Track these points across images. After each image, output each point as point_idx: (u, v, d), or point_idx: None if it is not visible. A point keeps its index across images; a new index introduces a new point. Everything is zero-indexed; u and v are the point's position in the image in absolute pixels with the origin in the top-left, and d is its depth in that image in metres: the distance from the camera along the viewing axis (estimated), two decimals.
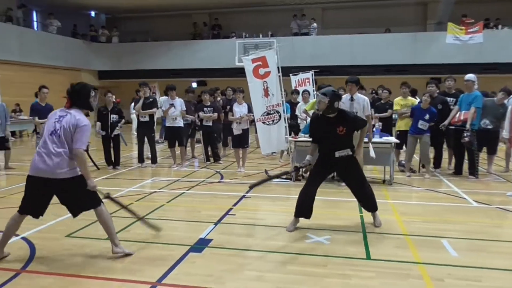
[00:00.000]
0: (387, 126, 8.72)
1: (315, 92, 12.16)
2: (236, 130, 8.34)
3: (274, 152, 9.57)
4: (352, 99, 6.52)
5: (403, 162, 8.21)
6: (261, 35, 19.96)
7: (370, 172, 8.01)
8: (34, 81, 15.30)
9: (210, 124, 9.11)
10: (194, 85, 21.02)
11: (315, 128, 4.73)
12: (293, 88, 11.85)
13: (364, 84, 12.97)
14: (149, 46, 21.35)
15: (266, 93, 7.52)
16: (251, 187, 4.74)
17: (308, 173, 4.93)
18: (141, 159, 8.84)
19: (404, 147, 8.34)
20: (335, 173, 7.06)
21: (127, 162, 9.35)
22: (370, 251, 3.95)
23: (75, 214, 3.77)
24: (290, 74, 12.19)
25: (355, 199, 4.82)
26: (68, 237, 4.33)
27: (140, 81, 9.19)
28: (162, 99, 9.57)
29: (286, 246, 4.09)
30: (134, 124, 13.63)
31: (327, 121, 4.53)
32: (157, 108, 8.93)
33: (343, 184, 5.80)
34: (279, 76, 7.50)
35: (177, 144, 8.75)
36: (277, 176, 5.11)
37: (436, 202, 5.83)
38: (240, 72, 19.22)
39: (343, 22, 21.24)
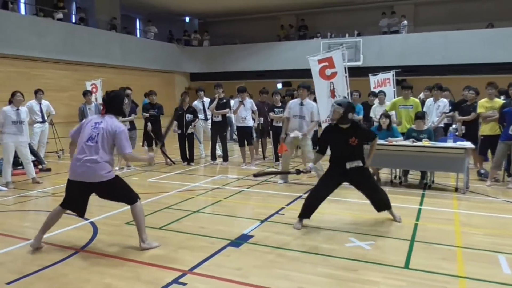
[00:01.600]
0: (472, 131, 8.05)
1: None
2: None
3: None
4: (302, 104, 6.92)
5: (482, 171, 7.51)
6: (347, 35, 19.60)
7: (445, 179, 7.48)
8: (132, 83, 16.78)
9: (281, 125, 9.22)
10: (279, 86, 21.31)
11: (327, 138, 4.86)
12: (372, 88, 11.48)
13: (455, 84, 12.11)
14: (236, 48, 22.14)
15: (333, 94, 7.43)
16: (256, 175, 5.08)
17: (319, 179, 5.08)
18: (213, 156, 9.29)
19: (489, 153, 7.65)
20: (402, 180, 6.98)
21: (202, 159, 9.87)
22: (411, 260, 3.76)
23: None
24: (369, 74, 11.81)
25: (411, 206, 5.01)
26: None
27: (228, 82, 9.55)
28: (233, 100, 9.94)
29: (323, 248, 4.06)
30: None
31: (340, 132, 4.68)
32: (230, 109, 9.30)
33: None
34: (346, 76, 7.36)
35: (246, 143, 9.06)
36: (279, 173, 5.54)
37: (510, 215, 5.28)
38: None
39: (437, 18, 19.85)
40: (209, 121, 9.54)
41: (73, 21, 17.52)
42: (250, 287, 3.23)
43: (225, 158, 9.22)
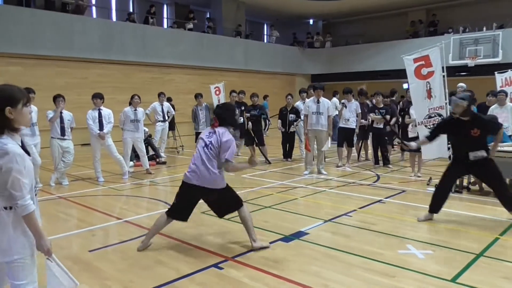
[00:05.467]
0: None
1: None
2: (411, 132, 8.02)
3: None
4: (318, 102, 7.93)
5: None
6: (484, 28, 17.60)
7: None
8: (254, 85, 17.88)
9: (381, 126, 8.94)
10: (405, 86, 20.15)
11: (444, 129, 5.05)
12: (498, 87, 10.21)
13: None
14: (359, 48, 21.71)
15: (429, 94, 6.94)
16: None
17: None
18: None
19: None
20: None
21: (302, 158, 10.03)
22: (463, 274, 3.45)
23: (220, 216, 4.22)
24: (495, 72, 10.50)
25: (506, 219, 4.87)
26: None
27: (349, 83, 9.55)
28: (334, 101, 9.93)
29: (373, 251, 3.97)
30: None
31: (461, 124, 4.74)
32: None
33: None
34: (444, 76, 6.80)
35: (346, 144, 9.01)
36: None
37: None
38: (457, 70, 17.53)
39: None
40: None
41: (205, 30, 19.31)
42: (276, 278, 3.40)
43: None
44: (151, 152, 9.60)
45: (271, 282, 3.36)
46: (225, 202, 4.08)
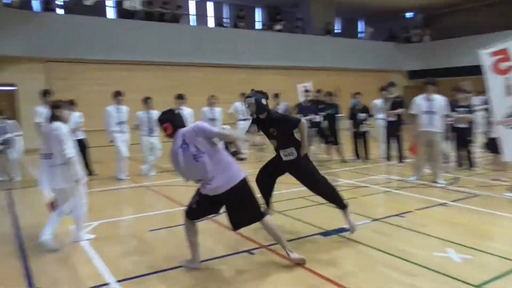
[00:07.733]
0: None
1: None
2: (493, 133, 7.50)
3: None
4: (429, 99, 6.96)
5: None
6: None
7: None
8: (343, 83, 17.73)
9: (463, 126, 8.36)
10: None
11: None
12: None
13: None
14: (462, 41, 20.10)
15: (509, 91, 6.40)
16: None
17: None
18: (388, 156, 9.18)
19: None
20: None
21: (382, 159, 9.74)
22: (494, 281, 3.32)
23: (236, 227, 3.67)
24: None
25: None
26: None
27: (451, 79, 8.97)
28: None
29: (405, 251, 3.95)
30: None
31: (262, 123, 4.53)
32: (405, 108, 8.95)
33: None
34: None
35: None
36: None
37: None
38: None
39: None
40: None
41: (295, 31, 19.66)
42: (304, 269, 3.64)
43: (400, 159, 8.98)
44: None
45: (294, 271, 3.61)
46: (243, 206, 3.56)
